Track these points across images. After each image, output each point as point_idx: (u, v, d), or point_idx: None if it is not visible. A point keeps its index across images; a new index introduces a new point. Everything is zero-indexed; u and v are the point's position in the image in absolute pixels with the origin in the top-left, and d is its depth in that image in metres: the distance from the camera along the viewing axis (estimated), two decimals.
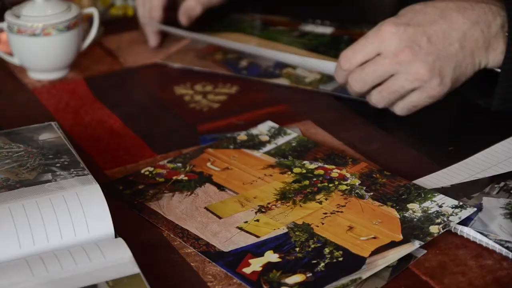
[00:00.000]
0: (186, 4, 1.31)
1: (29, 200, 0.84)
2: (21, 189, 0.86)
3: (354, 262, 0.82)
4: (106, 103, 1.16)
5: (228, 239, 0.87)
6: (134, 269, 0.79)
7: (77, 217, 0.84)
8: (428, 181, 0.95)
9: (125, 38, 1.36)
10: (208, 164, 1.00)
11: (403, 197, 0.92)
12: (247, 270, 0.82)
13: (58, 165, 0.91)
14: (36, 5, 1.20)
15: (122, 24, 1.41)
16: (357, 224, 0.88)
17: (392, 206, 0.90)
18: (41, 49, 1.19)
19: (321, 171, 0.97)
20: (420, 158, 1.01)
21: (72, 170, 0.90)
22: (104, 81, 1.23)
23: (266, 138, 1.05)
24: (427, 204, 0.90)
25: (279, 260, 0.83)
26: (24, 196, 0.84)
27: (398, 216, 0.89)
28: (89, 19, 1.31)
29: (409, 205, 0.90)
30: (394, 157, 1.02)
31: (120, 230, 0.84)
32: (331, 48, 1.27)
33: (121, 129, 1.09)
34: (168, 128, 1.10)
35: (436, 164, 0.99)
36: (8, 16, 1.20)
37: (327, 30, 1.36)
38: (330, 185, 0.95)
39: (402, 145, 1.04)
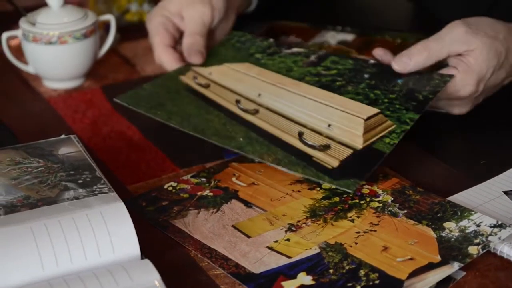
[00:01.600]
0: (186, 43, 1.15)
1: (52, 220, 0.80)
2: (43, 208, 0.83)
3: (391, 285, 0.79)
4: (124, 114, 1.12)
5: (258, 260, 0.83)
6: None
7: (102, 237, 0.80)
8: (462, 197, 0.92)
9: (141, 45, 1.32)
10: (233, 179, 0.96)
11: (439, 215, 0.88)
12: None
13: (80, 181, 0.87)
14: (51, 12, 1.16)
15: (137, 30, 1.37)
16: (392, 244, 0.84)
17: (427, 225, 0.87)
18: (57, 57, 1.16)
19: None
20: (451, 172, 0.98)
21: (95, 187, 0.86)
22: (122, 90, 1.18)
23: None
24: (464, 223, 0.86)
25: (313, 282, 0.80)
26: (46, 215, 0.81)
27: (435, 236, 0.85)
28: (104, 26, 1.28)
29: (445, 224, 0.87)
30: (425, 171, 0.98)
31: (145, 249, 0.81)
32: (350, 81, 1.06)
33: (141, 141, 1.06)
34: (189, 141, 1.06)
35: (468, 178, 0.96)
36: (23, 23, 1.17)
37: (348, 37, 1.32)
38: (362, 202, 0.91)
39: (432, 158, 1.01)
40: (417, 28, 1.39)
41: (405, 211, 0.89)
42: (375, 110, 0.99)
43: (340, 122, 0.98)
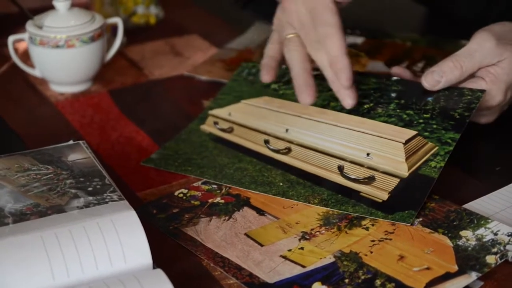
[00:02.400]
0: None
1: (62, 229, 0.79)
2: (53, 216, 0.81)
3: None
4: (132, 118, 1.11)
5: (272, 269, 0.82)
6: None
7: (113, 246, 0.79)
8: (478, 205, 0.90)
9: (148, 48, 1.31)
10: None
11: (455, 223, 0.87)
12: None
13: (90, 189, 0.86)
14: (59, 15, 1.15)
15: (144, 33, 1.36)
16: (408, 253, 0.83)
17: (443, 233, 0.85)
18: (65, 61, 1.14)
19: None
20: (467, 179, 0.97)
21: (105, 194, 0.85)
22: (129, 94, 1.18)
23: None
24: (481, 231, 0.85)
25: None
26: (57, 224, 0.80)
27: (451, 245, 0.84)
28: (111, 28, 1.26)
29: (462, 233, 0.85)
30: (440, 178, 0.96)
31: (156, 258, 0.80)
32: (378, 102, 1.02)
33: (150, 146, 1.04)
34: None
35: (484, 185, 0.94)
36: (29, 27, 1.15)
37: (357, 40, 1.31)
38: None
39: (446, 165, 0.99)
40: (427, 31, 1.38)
41: (421, 219, 0.88)
42: (412, 132, 0.96)
43: (378, 149, 0.94)
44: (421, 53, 1.26)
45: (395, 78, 1.04)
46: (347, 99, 0.99)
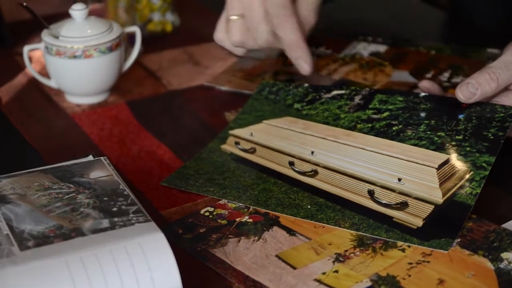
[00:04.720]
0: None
1: (88, 253, 0.75)
2: (77, 239, 0.78)
3: None
4: (152, 131, 1.07)
5: None
6: None
7: (141, 270, 0.75)
8: None
9: (165, 57, 1.27)
10: None
11: (495, 244, 0.83)
12: None
13: (114, 209, 0.82)
14: (75, 25, 1.11)
15: (161, 41, 1.32)
16: (448, 277, 0.79)
17: (484, 256, 0.82)
18: (82, 72, 1.10)
19: None
20: (504, 197, 0.93)
21: (131, 215, 0.81)
22: (148, 105, 1.14)
23: None
24: None
25: None
26: (81, 247, 0.76)
27: (493, 268, 0.80)
28: (128, 37, 1.22)
29: (503, 255, 0.82)
30: None
31: (185, 282, 0.76)
32: (407, 123, 0.98)
33: (173, 161, 1.01)
34: None
35: None
36: (45, 36, 1.11)
37: (380, 48, 1.27)
38: None
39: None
40: (450, 38, 1.35)
41: (459, 239, 0.84)
42: (445, 157, 0.92)
43: (410, 174, 0.91)
44: (446, 62, 1.22)
45: (423, 94, 1.01)
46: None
